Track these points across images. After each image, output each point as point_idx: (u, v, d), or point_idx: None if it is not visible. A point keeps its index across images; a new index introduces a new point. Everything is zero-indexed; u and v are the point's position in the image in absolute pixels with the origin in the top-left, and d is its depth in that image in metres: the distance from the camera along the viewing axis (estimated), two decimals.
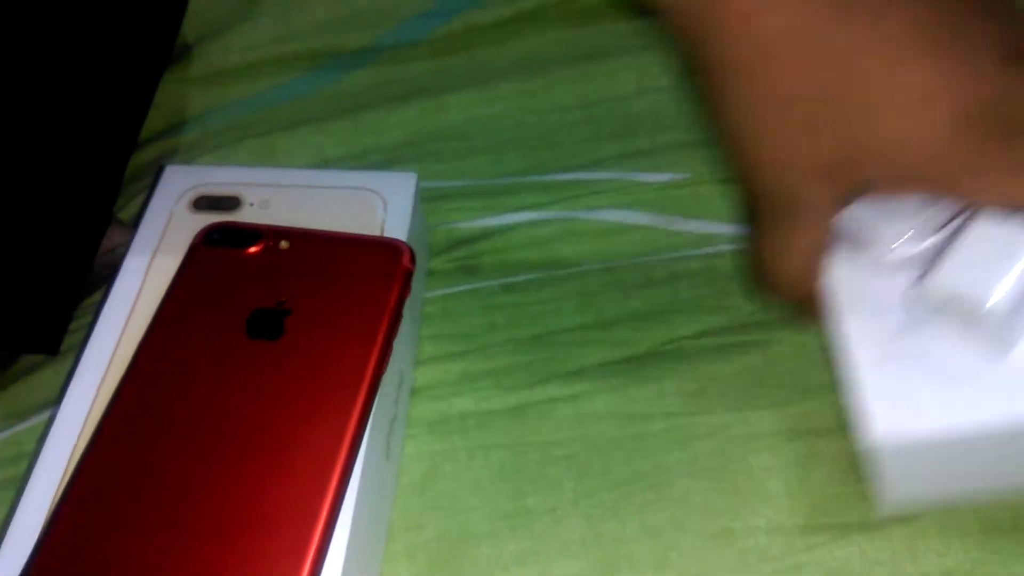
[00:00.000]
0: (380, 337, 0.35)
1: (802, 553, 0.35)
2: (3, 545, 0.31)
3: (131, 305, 0.37)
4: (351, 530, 0.31)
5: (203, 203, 0.40)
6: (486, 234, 0.46)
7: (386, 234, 0.39)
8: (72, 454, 0.33)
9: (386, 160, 0.49)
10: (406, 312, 0.37)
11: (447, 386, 0.41)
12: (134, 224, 0.40)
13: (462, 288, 0.44)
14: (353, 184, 0.41)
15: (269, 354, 0.34)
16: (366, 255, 0.37)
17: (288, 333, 0.35)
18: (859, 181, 0.33)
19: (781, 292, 0.37)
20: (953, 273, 0.32)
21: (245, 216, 0.40)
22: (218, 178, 0.41)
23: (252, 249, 0.37)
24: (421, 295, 0.44)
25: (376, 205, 0.40)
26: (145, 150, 0.50)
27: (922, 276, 0.34)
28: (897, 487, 0.34)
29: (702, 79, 0.34)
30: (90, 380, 0.35)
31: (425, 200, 0.47)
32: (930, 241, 0.34)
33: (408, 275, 0.37)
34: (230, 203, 0.40)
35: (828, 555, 0.35)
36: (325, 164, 0.49)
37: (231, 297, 0.36)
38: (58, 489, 0.32)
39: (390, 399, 0.37)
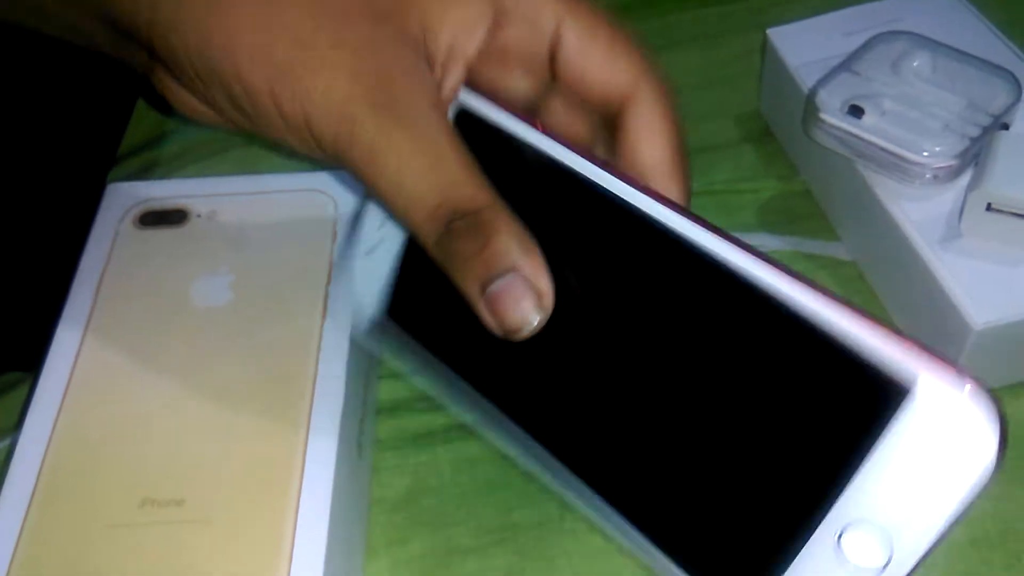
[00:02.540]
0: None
1: None
2: None
3: (84, 325, 0.36)
4: (327, 542, 0.31)
5: (149, 219, 0.39)
6: None
7: (339, 239, 0.39)
8: (39, 473, 0.33)
9: None
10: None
11: (430, 399, 0.41)
12: (81, 245, 0.39)
13: None
14: (302, 187, 0.40)
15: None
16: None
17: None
18: None
19: None
20: (1000, 179, 0.37)
21: (194, 230, 0.39)
22: (162, 192, 0.41)
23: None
24: None
25: (327, 206, 0.39)
26: (125, 164, 0.50)
27: (972, 186, 0.38)
28: (977, 371, 0.36)
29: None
30: (49, 402, 0.34)
31: None
32: (957, 156, 0.39)
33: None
34: (176, 216, 0.39)
35: None
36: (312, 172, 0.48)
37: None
38: (28, 506, 0.32)
39: (359, 398, 0.36)
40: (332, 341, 0.36)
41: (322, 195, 0.40)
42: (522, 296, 0.26)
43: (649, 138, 0.30)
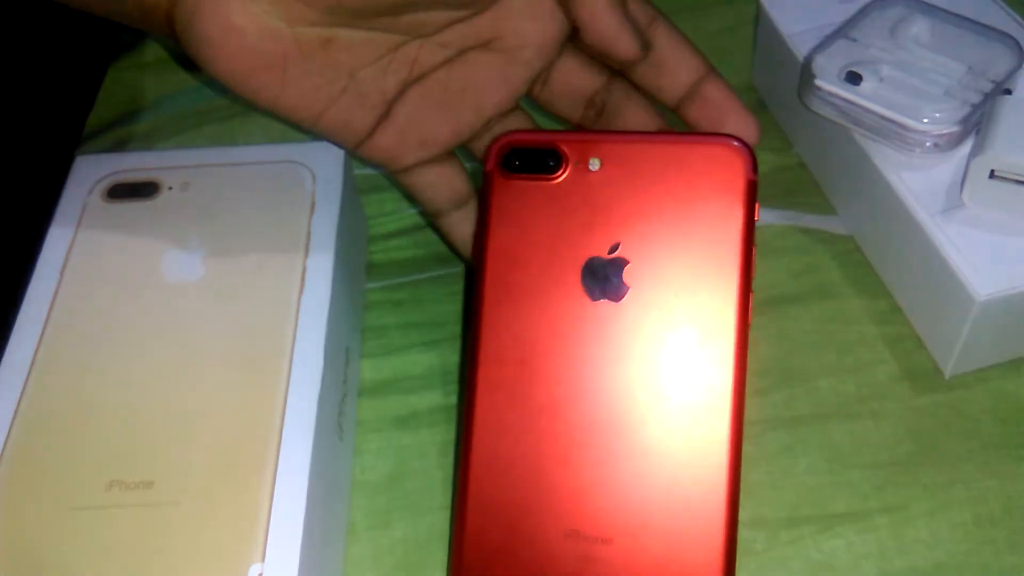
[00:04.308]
0: (740, 279, 0.30)
1: (786, 546, 0.34)
2: None
3: (50, 301, 0.35)
4: (304, 526, 0.30)
5: (118, 191, 0.38)
6: None
7: (317, 211, 0.37)
8: (0, 455, 0.31)
9: None
10: (351, 271, 0.34)
11: (416, 378, 0.39)
12: (47, 220, 0.37)
13: (433, 274, 0.42)
14: (278, 158, 0.39)
15: (617, 314, 0.31)
16: (694, 162, 0.31)
17: (633, 288, 0.31)
18: None
19: None
20: (1004, 145, 0.36)
21: (165, 203, 0.37)
22: (133, 164, 0.39)
23: (560, 176, 0.32)
24: (364, 270, 0.42)
25: (304, 178, 0.38)
26: (96, 141, 0.48)
27: (974, 153, 0.37)
28: (980, 345, 0.37)
29: None
30: (12, 382, 0.33)
31: (394, 187, 0.46)
32: (959, 123, 0.38)
33: (752, 185, 0.31)
34: (147, 189, 0.38)
35: (813, 548, 0.34)
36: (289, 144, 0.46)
37: (554, 246, 0.31)
38: None
39: (338, 375, 0.35)
40: (310, 317, 0.34)
41: (300, 166, 0.38)
42: None
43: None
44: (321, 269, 0.35)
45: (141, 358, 0.33)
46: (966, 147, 0.39)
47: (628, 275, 0.31)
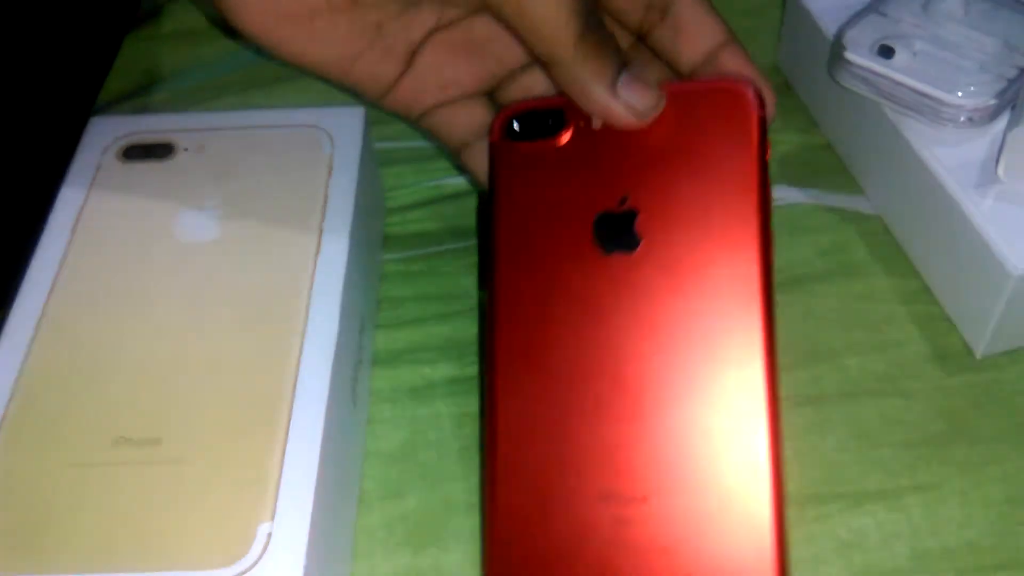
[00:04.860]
0: (758, 215, 0.29)
1: (814, 524, 0.33)
2: None
3: (60, 258, 0.34)
4: (316, 488, 0.29)
5: (133, 152, 0.37)
6: (476, 191, 0.43)
7: (334, 174, 0.36)
8: (5, 409, 0.30)
9: (377, 119, 0.46)
10: (368, 239, 0.33)
11: (432, 350, 0.38)
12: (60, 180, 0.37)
13: (450, 247, 0.41)
14: (296, 122, 0.38)
15: (631, 266, 0.30)
16: (700, 107, 0.31)
17: (645, 239, 0.30)
18: None
19: None
20: None
21: (180, 164, 0.36)
22: (148, 126, 0.38)
23: (564, 136, 0.31)
24: (380, 240, 0.41)
25: (322, 142, 0.37)
26: (113, 110, 0.47)
27: (1012, 125, 0.35)
28: (1014, 323, 0.36)
29: None
30: (19, 337, 0.32)
31: (411, 160, 0.45)
32: (995, 96, 0.37)
33: (762, 122, 0.30)
34: (162, 150, 0.37)
35: (841, 526, 0.33)
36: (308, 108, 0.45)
37: (564, 206, 0.31)
38: None
39: (353, 342, 0.34)
40: (326, 279, 0.33)
41: (318, 130, 0.38)
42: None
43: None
44: (338, 232, 0.34)
45: (151, 316, 0.32)
46: (1000, 122, 0.38)
47: (640, 226, 0.30)
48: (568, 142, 0.31)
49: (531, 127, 0.32)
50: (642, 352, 0.29)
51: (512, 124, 0.32)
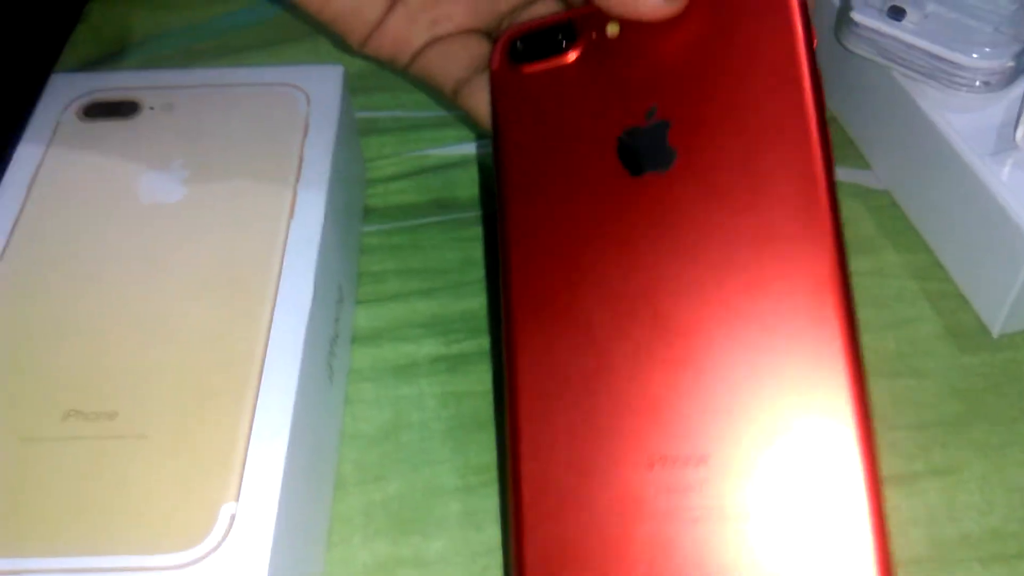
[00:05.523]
0: (814, 118, 0.24)
1: None
2: None
3: (13, 219, 0.31)
4: (285, 468, 0.26)
5: (95, 110, 0.34)
6: (464, 162, 0.41)
7: (310, 134, 0.33)
8: None
9: (358, 88, 0.44)
10: (347, 207, 0.30)
11: (415, 327, 0.36)
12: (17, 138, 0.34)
13: (434, 219, 0.39)
14: (270, 80, 0.35)
15: (666, 186, 0.25)
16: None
17: (681, 153, 0.25)
18: None
19: None
20: None
21: (145, 123, 0.33)
22: (112, 83, 0.35)
23: (576, 51, 0.27)
24: (360, 211, 0.39)
25: (299, 100, 0.34)
26: None
27: None
28: None
29: None
30: None
31: (394, 130, 0.42)
32: (1012, 58, 0.35)
33: (802, 4, 0.26)
34: (126, 108, 0.34)
35: None
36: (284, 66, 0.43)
37: (581, 128, 0.26)
38: None
39: (329, 314, 0.32)
40: (299, 244, 0.31)
41: (293, 89, 0.35)
42: None
43: None
44: (313, 194, 0.32)
45: (110, 281, 0.30)
46: (1017, 87, 0.36)
47: (674, 138, 0.26)
48: (580, 57, 0.27)
49: (537, 47, 0.28)
50: (686, 286, 0.24)
51: (516, 46, 0.29)
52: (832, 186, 0.24)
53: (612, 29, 0.27)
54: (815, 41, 0.25)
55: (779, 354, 0.23)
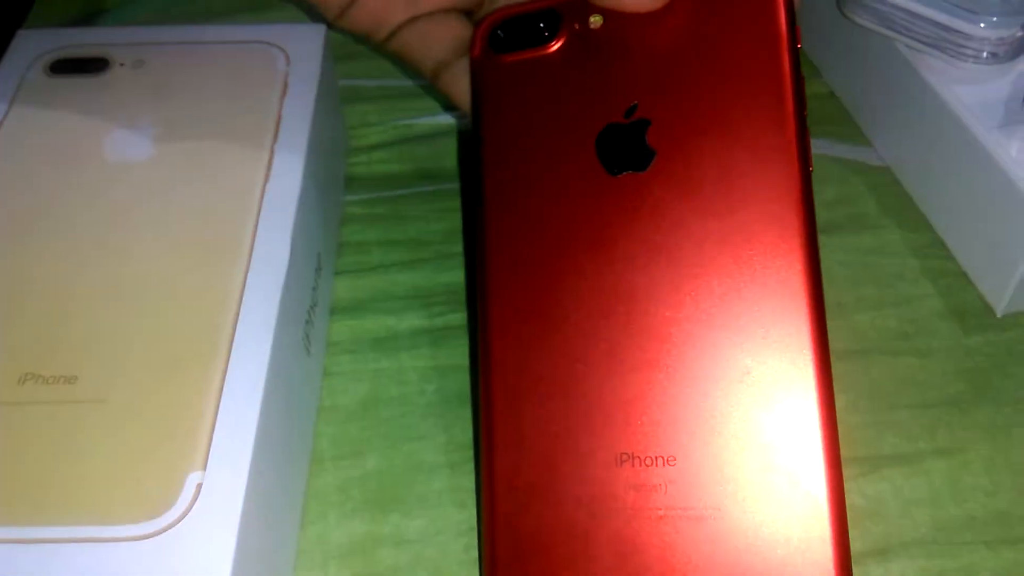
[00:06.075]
0: (793, 121, 0.24)
1: None
2: None
3: None
4: (257, 437, 0.24)
5: (62, 66, 0.32)
6: (450, 131, 0.39)
7: (290, 93, 0.32)
8: None
9: (341, 55, 0.42)
10: (327, 172, 0.29)
11: (397, 299, 0.34)
12: None
13: (418, 190, 0.37)
14: (247, 38, 0.34)
15: (644, 186, 0.25)
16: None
17: (659, 153, 0.25)
18: None
19: None
20: None
21: (114, 79, 0.32)
22: (81, 39, 0.34)
23: (558, 42, 0.27)
24: (341, 180, 0.37)
25: (277, 59, 0.33)
26: None
27: None
28: None
29: None
30: None
31: (378, 98, 0.41)
32: (1020, 28, 0.34)
33: (789, 3, 0.26)
34: (95, 65, 0.32)
35: (857, 493, 0.29)
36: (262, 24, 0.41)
37: (561, 122, 0.26)
38: None
39: (307, 280, 0.30)
40: (276, 206, 0.29)
41: (272, 47, 0.33)
42: None
43: None
44: (292, 155, 0.30)
45: (72, 240, 0.28)
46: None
47: (652, 138, 0.26)
48: (562, 48, 0.27)
49: (518, 35, 0.28)
50: (660, 288, 0.25)
51: (496, 34, 0.28)
52: (808, 192, 0.24)
53: (595, 20, 0.27)
54: (799, 42, 0.25)
55: (750, 359, 0.24)
